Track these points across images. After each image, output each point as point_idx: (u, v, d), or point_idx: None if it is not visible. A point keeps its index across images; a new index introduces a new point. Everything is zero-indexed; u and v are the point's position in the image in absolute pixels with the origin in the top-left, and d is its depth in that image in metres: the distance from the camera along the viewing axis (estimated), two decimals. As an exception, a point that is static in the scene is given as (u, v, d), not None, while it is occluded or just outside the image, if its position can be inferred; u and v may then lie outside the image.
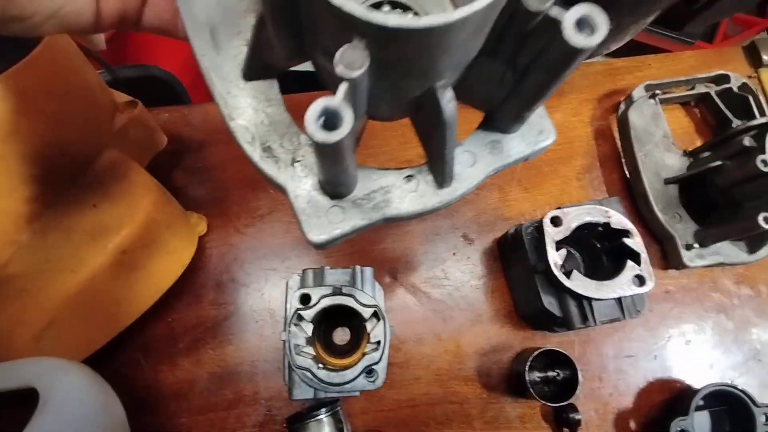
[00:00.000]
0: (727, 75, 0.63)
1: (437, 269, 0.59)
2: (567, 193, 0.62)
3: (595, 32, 0.17)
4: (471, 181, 0.26)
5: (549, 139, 0.27)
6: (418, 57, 0.18)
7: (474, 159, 0.26)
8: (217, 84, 0.23)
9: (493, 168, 0.26)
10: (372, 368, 0.44)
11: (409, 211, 0.25)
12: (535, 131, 0.26)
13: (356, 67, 0.16)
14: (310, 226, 0.25)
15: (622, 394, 0.56)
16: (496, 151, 0.26)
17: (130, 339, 0.53)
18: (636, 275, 0.46)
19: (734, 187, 0.52)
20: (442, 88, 0.20)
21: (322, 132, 0.16)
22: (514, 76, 0.22)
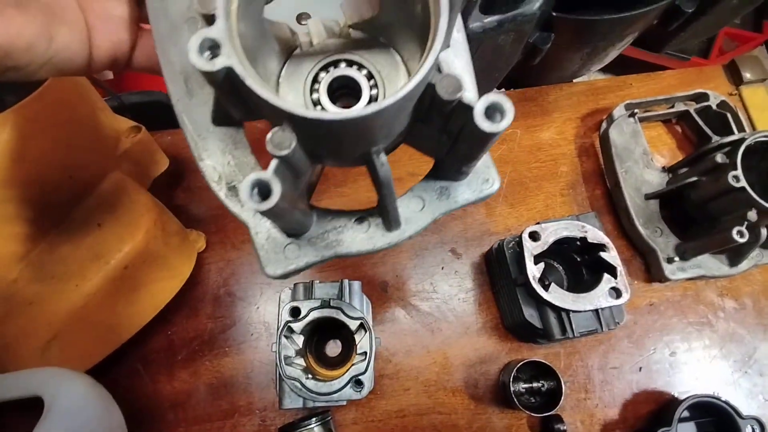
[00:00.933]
0: (706, 93, 0.65)
1: (426, 283, 0.61)
2: (552, 208, 0.64)
3: (503, 118, 0.19)
4: (419, 224, 0.27)
5: (494, 187, 0.28)
6: (342, 136, 0.20)
7: (423, 203, 0.28)
8: (189, 127, 0.26)
9: (440, 212, 0.28)
10: (358, 378, 0.46)
11: (360, 250, 0.27)
12: (480, 180, 0.28)
13: (284, 147, 0.18)
14: (268, 260, 0.27)
15: (608, 406, 0.57)
16: (443, 197, 0.28)
17: (131, 351, 0.55)
18: (612, 287, 0.47)
19: (710, 201, 0.54)
20: (375, 153, 0.22)
21: (254, 202, 0.18)
22: (449, 139, 0.24)
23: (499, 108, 0.19)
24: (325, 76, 0.25)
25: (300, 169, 0.21)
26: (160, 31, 0.26)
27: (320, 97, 0.25)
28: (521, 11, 0.47)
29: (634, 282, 0.61)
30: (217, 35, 0.18)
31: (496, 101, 0.19)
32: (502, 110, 0.19)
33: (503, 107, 0.19)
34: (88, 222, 0.47)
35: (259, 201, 0.18)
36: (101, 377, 0.49)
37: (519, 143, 0.68)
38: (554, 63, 0.63)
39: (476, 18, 0.47)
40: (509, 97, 0.68)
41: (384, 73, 0.24)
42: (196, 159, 0.26)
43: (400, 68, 0.25)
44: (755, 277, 0.63)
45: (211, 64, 0.18)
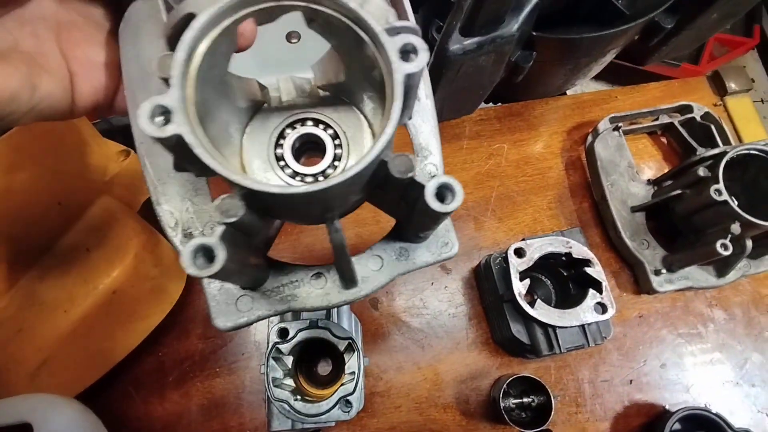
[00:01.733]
0: (690, 105, 0.66)
1: (416, 299, 0.61)
2: (539, 222, 0.65)
3: (454, 199, 0.19)
4: (375, 284, 0.27)
5: (452, 250, 0.29)
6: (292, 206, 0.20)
7: (382, 263, 0.28)
8: (149, 170, 0.26)
9: (397, 273, 0.28)
10: (347, 399, 0.46)
11: (314, 306, 0.27)
12: (440, 243, 0.29)
13: (230, 215, 0.18)
14: (218, 312, 0.26)
15: (599, 419, 0.57)
16: (402, 258, 0.28)
17: (122, 373, 0.55)
18: (597, 303, 0.48)
19: (694, 214, 0.54)
20: (329, 220, 0.22)
21: (196, 268, 0.18)
22: (407, 207, 0.24)
23: (450, 189, 0.19)
24: (291, 133, 0.26)
25: (252, 231, 0.21)
26: (131, 76, 0.27)
27: (284, 153, 0.25)
28: (500, 33, 0.48)
29: (623, 294, 0.61)
30: (170, 103, 0.18)
31: (447, 183, 0.19)
32: (453, 191, 0.19)
33: (454, 189, 0.19)
34: (76, 247, 0.48)
35: (203, 267, 0.18)
36: (92, 401, 0.49)
37: (506, 158, 0.68)
38: (538, 79, 0.64)
39: (456, 40, 0.48)
40: (496, 112, 0.70)
41: (349, 133, 0.25)
42: (153, 203, 0.26)
43: (364, 128, 0.25)
44: (744, 288, 0.63)
45: (162, 131, 0.17)
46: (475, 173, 0.68)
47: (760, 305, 0.62)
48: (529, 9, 0.48)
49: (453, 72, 0.52)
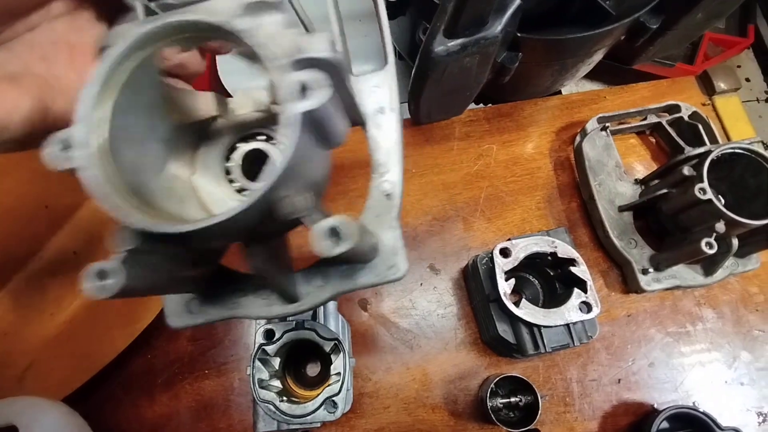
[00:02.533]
0: (678, 105, 0.66)
1: (405, 299, 0.62)
2: (528, 222, 0.65)
3: (340, 243, 0.18)
4: (316, 300, 0.28)
5: (398, 273, 0.28)
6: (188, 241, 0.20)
7: (324, 281, 0.28)
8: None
9: (339, 291, 0.28)
10: (332, 400, 0.46)
11: (259, 315, 0.28)
12: (386, 265, 0.28)
13: (122, 247, 0.19)
14: (170, 311, 0.27)
15: (588, 418, 0.57)
16: (346, 277, 0.27)
17: (111, 376, 0.55)
18: (582, 302, 0.48)
19: (680, 213, 0.54)
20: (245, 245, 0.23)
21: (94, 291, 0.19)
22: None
23: (337, 233, 0.19)
24: (241, 148, 0.26)
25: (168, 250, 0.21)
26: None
27: (233, 168, 0.26)
28: (483, 35, 0.48)
29: (612, 294, 0.62)
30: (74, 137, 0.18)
31: (335, 226, 0.18)
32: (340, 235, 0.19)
33: (341, 232, 0.18)
34: (64, 250, 0.48)
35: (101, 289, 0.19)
36: (81, 403, 0.49)
37: (495, 158, 0.69)
38: (526, 80, 0.64)
39: (440, 42, 0.48)
40: (485, 113, 0.70)
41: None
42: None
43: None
44: (733, 286, 0.63)
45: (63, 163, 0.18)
46: (465, 174, 0.68)
47: (748, 304, 0.62)
48: (512, 10, 0.48)
49: (438, 73, 0.52)
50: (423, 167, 0.68)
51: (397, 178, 0.30)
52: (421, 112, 0.63)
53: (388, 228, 0.28)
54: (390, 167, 0.30)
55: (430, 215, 0.66)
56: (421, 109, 0.61)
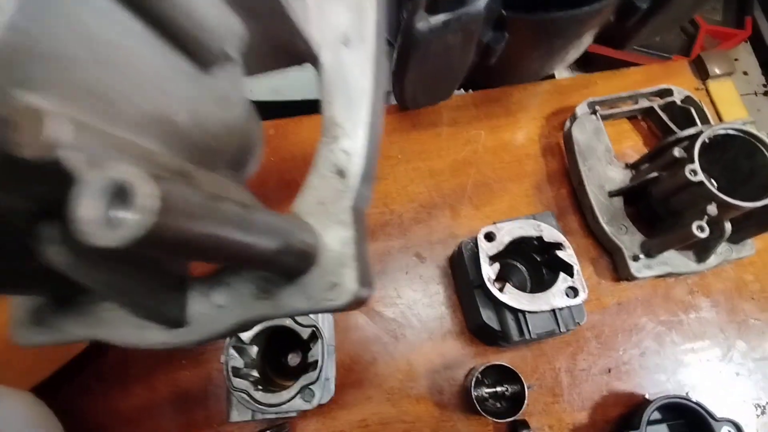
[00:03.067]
0: (670, 89, 0.65)
1: (390, 288, 0.60)
2: (516, 209, 0.63)
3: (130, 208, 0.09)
4: (213, 329, 0.19)
5: (341, 299, 0.18)
6: None
7: (228, 299, 0.19)
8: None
9: (248, 318, 0.19)
10: (309, 388, 0.44)
11: (124, 341, 0.20)
12: (325, 284, 0.18)
13: None
14: (16, 320, 0.21)
15: (577, 409, 0.55)
16: (264, 296, 0.19)
17: (84, 367, 0.54)
18: (569, 287, 0.46)
19: (671, 196, 0.53)
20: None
21: None
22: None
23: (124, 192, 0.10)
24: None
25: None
26: None
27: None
28: (466, 10, 0.46)
29: (602, 281, 0.60)
30: None
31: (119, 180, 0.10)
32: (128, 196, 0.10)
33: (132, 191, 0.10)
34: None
35: None
36: (52, 395, 0.47)
37: (483, 144, 0.67)
38: (514, 63, 0.63)
39: (422, 18, 0.47)
40: (473, 98, 0.68)
41: None
42: None
43: None
44: (728, 274, 0.62)
45: None
46: (452, 160, 0.66)
47: (743, 292, 0.61)
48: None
49: (421, 52, 0.50)
50: (409, 153, 0.66)
51: (360, 145, 0.20)
52: (406, 96, 0.61)
53: (335, 223, 0.19)
54: (349, 129, 0.20)
55: (417, 202, 0.64)
56: (406, 92, 0.60)
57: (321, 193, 0.20)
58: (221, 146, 0.16)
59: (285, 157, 0.65)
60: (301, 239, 0.18)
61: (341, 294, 0.18)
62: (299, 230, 0.18)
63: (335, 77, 0.20)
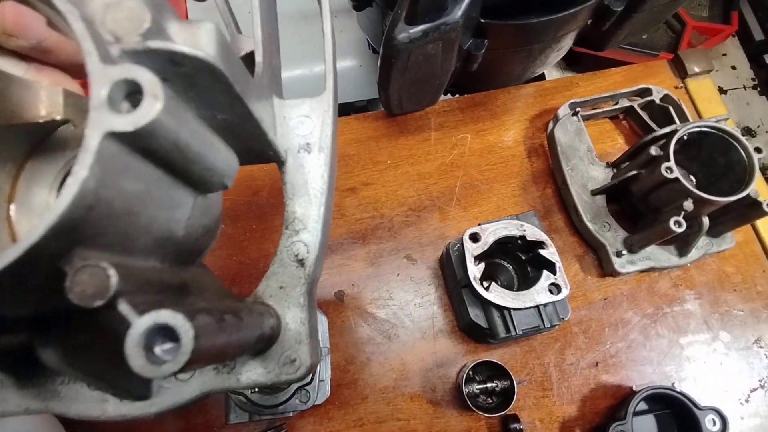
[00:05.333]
0: (649, 88, 0.66)
1: (382, 290, 0.62)
2: (504, 210, 0.65)
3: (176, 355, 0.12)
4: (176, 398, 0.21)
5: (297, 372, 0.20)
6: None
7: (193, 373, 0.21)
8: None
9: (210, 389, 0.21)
10: (305, 389, 0.46)
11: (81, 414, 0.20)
12: (284, 359, 0.20)
13: None
14: None
15: (566, 402, 0.57)
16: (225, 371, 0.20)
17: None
18: (552, 283, 0.48)
19: (650, 194, 0.55)
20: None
21: None
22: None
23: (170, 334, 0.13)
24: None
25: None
26: None
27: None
28: (444, 20, 0.48)
29: (588, 278, 0.62)
30: None
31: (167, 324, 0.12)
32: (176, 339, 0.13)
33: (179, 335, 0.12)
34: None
35: None
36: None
37: (470, 147, 0.69)
38: (495, 68, 0.65)
39: (402, 29, 0.49)
40: (458, 103, 0.70)
41: None
42: None
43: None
44: (710, 266, 0.63)
45: None
46: (440, 164, 0.68)
47: (725, 284, 0.63)
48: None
49: (403, 61, 0.52)
50: (398, 158, 0.68)
51: (316, 239, 0.22)
52: (392, 103, 0.63)
53: (293, 305, 0.22)
54: (308, 223, 0.23)
55: (406, 206, 0.66)
56: (392, 99, 0.62)
57: (282, 279, 0.23)
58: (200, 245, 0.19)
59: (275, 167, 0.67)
60: (270, 325, 0.20)
61: (299, 368, 0.21)
62: (268, 318, 0.20)
63: (297, 178, 0.24)
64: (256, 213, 0.65)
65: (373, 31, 0.73)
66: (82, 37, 0.12)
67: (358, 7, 0.64)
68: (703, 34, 1.78)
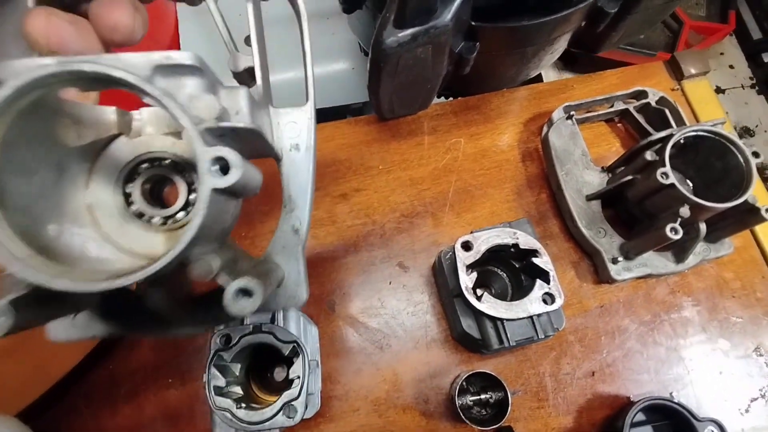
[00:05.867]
0: (645, 91, 0.65)
1: (374, 299, 0.60)
2: (498, 215, 0.64)
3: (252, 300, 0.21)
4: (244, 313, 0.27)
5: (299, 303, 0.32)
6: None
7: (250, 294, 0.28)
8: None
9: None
10: (291, 405, 0.45)
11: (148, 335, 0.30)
12: (288, 295, 0.31)
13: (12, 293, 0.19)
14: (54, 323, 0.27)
15: (562, 413, 0.55)
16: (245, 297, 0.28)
17: (72, 388, 0.54)
18: (546, 293, 0.47)
19: (645, 199, 0.53)
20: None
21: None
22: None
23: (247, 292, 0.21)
24: (144, 172, 0.25)
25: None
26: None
27: (133, 191, 0.25)
28: (433, 24, 0.47)
29: (583, 285, 0.60)
30: None
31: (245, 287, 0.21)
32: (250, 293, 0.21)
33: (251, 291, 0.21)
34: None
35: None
36: (39, 418, 0.48)
37: (463, 152, 0.67)
38: (488, 71, 0.63)
39: (390, 33, 0.48)
40: (452, 106, 0.69)
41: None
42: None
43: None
44: (708, 272, 0.62)
45: None
46: (433, 168, 0.67)
47: (724, 290, 0.61)
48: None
49: (392, 66, 0.51)
50: (390, 163, 0.67)
51: (305, 215, 0.32)
52: (383, 107, 0.62)
53: (293, 259, 0.32)
54: (299, 203, 0.32)
55: (398, 212, 0.64)
56: (383, 103, 0.60)
57: (284, 242, 0.32)
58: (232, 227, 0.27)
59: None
60: (279, 276, 0.30)
61: (299, 300, 0.32)
62: (279, 270, 0.31)
63: (290, 170, 0.32)
64: (245, 220, 0.64)
65: (364, 34, 0.72)
66: (192, 132, 0.20)
67: (347, 9, 0.63)
68: (700, 34, 1.77)
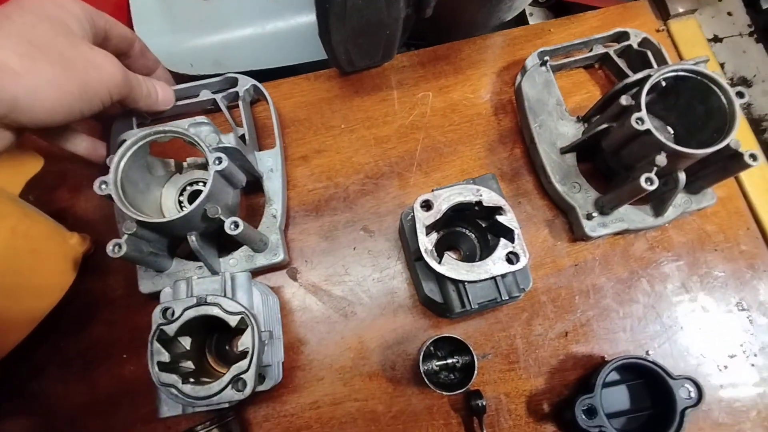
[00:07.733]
0: (626, 32, 0.60)
1: (337, 266, 0.57)
2: (468, 173, 0.60)
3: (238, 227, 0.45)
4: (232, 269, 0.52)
5: (277, 258, 0.53)
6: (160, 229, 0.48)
7: (237, 262, 0.53)
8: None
9: (243, 268, 0.52)
10: (240, 378, 0.42)
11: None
12: (272, 254, 0.53)
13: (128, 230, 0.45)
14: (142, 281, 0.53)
15: (534, 375, 0.54)
16: (250, 260, 0.53)
17: (20, 368, 0.52)
18: (510, 252, 0.43)
19: (621, 149, 0.49)
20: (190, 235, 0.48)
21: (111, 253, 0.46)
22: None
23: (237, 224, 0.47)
24: (188, 189, 0.53)
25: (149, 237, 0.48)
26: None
27: (183, 199, 0.53)
28: (379, -46, 0.42)
29: (558, 243, 0.57)
30: (107, 178, 0.44)
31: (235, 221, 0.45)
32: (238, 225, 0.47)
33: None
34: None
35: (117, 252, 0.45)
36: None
37: (431, 107, 0.63)
38: (454, 14, 0.58)
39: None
40: (419, 57, 0.63)
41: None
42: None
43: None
44: (690, 225, 0.59)
45: (100, 190, 0.44)
46: (399, 126, 0.62)
47: (706, 243, 0.58)
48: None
49: (339, 7, 0.46)
50: (353, 122, 0.62)
51: (280, 208, 0.55)
52: (339, 58, 0.57)
53: (273, 233, 0.54)
54: (275, 202, 0.55)
55: (362, 173, 0.60)
56: (338, 54, 0.55)
57: (267, 224, 0.55)
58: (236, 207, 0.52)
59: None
60: (264, 240, 0.52)
61: (277, 256, 0.53)
62: (265, 237, 0.53)
63: (268, 183, 0.56)
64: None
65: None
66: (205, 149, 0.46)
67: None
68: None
